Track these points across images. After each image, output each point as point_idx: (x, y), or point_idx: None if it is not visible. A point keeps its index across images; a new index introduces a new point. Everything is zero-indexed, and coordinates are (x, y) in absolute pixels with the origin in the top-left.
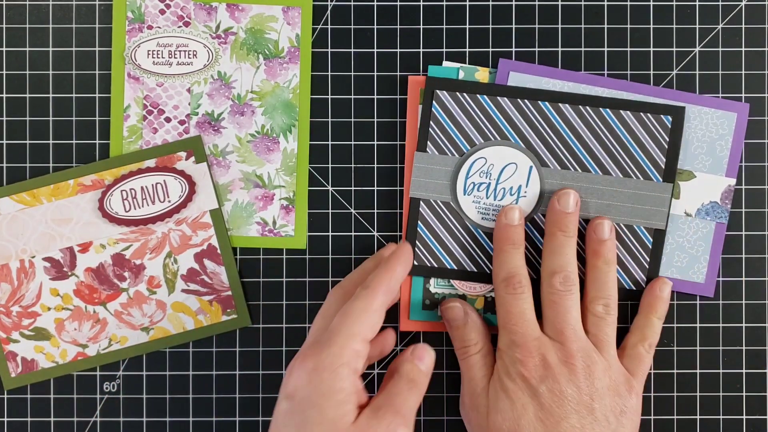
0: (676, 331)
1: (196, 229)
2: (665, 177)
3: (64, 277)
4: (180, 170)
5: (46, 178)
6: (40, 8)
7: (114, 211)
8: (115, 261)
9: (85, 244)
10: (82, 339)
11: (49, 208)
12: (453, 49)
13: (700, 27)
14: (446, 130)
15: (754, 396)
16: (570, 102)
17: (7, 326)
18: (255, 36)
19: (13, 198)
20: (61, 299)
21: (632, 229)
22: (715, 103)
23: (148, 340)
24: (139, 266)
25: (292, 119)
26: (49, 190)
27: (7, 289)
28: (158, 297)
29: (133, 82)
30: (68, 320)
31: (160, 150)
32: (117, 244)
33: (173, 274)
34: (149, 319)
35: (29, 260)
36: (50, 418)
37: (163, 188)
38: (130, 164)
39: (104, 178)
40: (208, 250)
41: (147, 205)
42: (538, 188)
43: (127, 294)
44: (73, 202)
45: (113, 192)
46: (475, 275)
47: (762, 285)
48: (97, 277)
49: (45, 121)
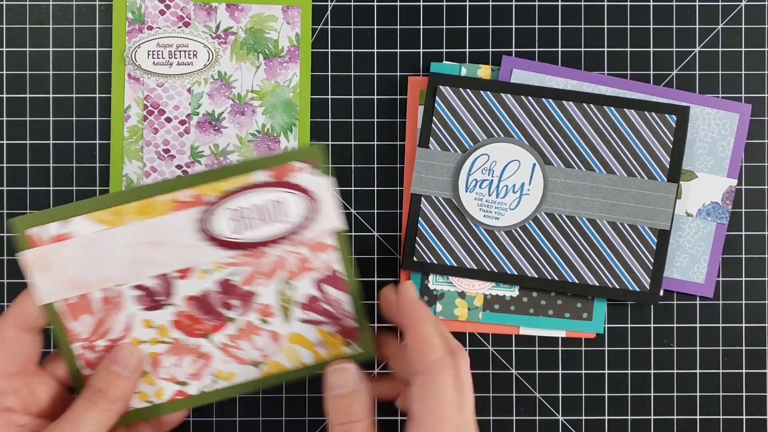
0: (676, 331)
1: (316, 251)
2: (670, 177)
3: (159, 307)
4: (299, 185)
5: (131, 192)
6: (41, 8)
7: (219, 233)
8: (222, 288)
9: (185, 270)
10: (181, 376)
11: (138, 229)
12: (453, 49)
13: (700, 27)
14: (449, 126)
15: (754, 396)
16: (574, 100)
17: (92, 361)
18: (255, 36)
19: (90, 217)
20: (157, 332)
21: (636, 229)
22: (717, 103)
23: (260, 376)
24: (249, 293)
25: (292, 118)
26: (136, 207)
27: (89, 323)
28: (272, 327)
29: (133, 82)
30: (165, 355)
31: (273, 160)
32: (224, 269)
33: (290, 301)
34: (261, 352)
35: (116, 289)
36: None
37: (280, 206)
38: (237, 176)
39: (204, 193)
40: (331, 275)
41: (260, 226)
42: (542, 186)
43: (236, 325)
44: (168, 222)
45: (216, 211)
46: (475, 272)
47: (762, 285)
48: (201, 306)
49: (45, 121)
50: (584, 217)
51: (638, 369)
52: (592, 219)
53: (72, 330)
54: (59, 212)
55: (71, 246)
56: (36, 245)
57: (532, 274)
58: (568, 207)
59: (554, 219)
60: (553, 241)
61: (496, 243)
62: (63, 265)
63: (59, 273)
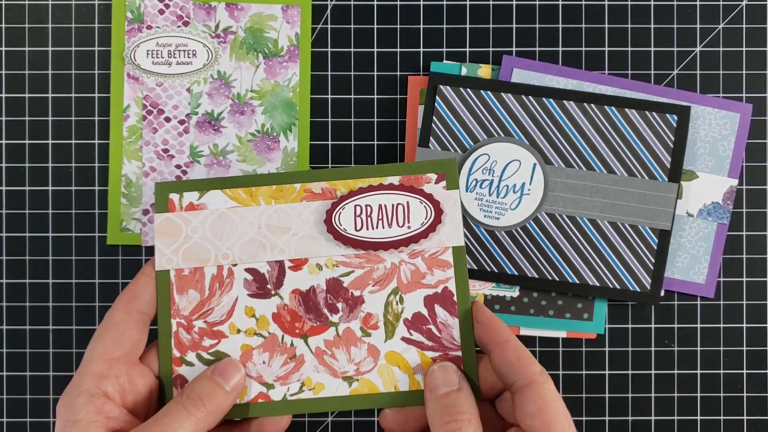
0: (677, 331)
1: (432, 266)
2: (670, 177)
3: (266, 295)
4: (428, 194)
5: (271, 176)
6: (40, 8)
7: (343, 227)
8: (330, 287)
9: (299, 260)
10: (269, 377)
11: (266, 212)
12: (453, 49)
13: (701, 27)
14: (449, 126)
15: (755, 396)
16: (575, 99)
17: (184, 343)
18: (254, 35)
19: (226, 192)
20: (256, 322)
21: (637, 229)
22: (718, 103)
23: (348, 393)
24: (357, 298)
25: (292, 118)
26: (270, 190)
27: (194, 299)
28: (372, 341)
29: (132, 82)
30: (258, 349)
31: (408, 167)
32: (337, 267)
33: (396, 316)
34: (356, 366)
35: (229, 268)
36: (50, 418)
37: (404, 211)
38: (370, 177)
39: (337, 187)
40: (443, 294)
41: (382, 227)
42: (542, 186)
43: (336, 330)
44: (296, 210)
45: (346, 205)
46: (475, 273)
47: (763, 285)
48: (305, 302)
49: (44, 121)
50: (585, 217)
51: (639, 369)
52: (593, 219)
53: (176, 303)
54: (200, 184)
55: (201, 216)
56: (173, 210)
57: (533, 275)
58: (569, 207)
59: (555, 219)
60: (554, 242)
61: (497, 243)
62: (188, 234)
63: (182, 241)
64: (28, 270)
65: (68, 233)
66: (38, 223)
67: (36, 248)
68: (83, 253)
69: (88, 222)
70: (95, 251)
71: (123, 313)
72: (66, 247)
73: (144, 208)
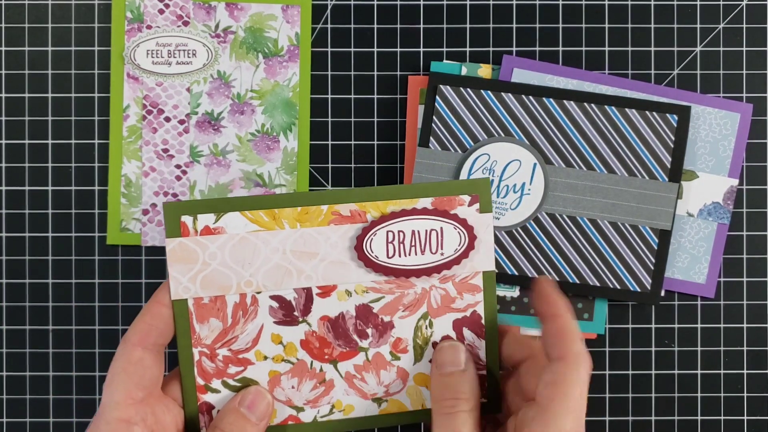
0: (677, 331)
1: (462, 290)
2: (671, 177)
3: (293, 322)
4: (462, 218)
5: (294, 196)
6: (39, 8)
7: (374, 254)
8: (360, 313)
9: (327, 287)
10: (298, 400)
11: (291, 236)
12: (453, 49)
13: (701, 26)
14: (449, 126)
15: (755, 397)
16: (575, 99)
17: (208, 372)
18: (254, 35)
19: (245, 215)
20: (283, 349)
21: (637, 229)
22: (718, 103)
23: (378, 413)
24: (386, 324)
25: (292, 118)
26: (295, 212)
27: (216, 327)
28: (401, 364)
29: (132, 81)
30: (286, 375)
31: (441, 188)
32: (366, 294)
33: (425, 340)
34: (385, 388)
35: (253, 295)
36: (49, 418)
37: (438, 237)
38: (402, 199)
39: (367, 210)
40: (472, 318)
41: (415, 254)
42: (543, 186)
43: (366, 355)
44: (323, 234)
45: (378, 231)
46: None
47: (763, 285)
48: (334, 329)
49: (44, 121)
50: (585, 217)
51: (639, 369)
52: (593, 219)
53: (196, 333)
54: (216, 204)
55: (219, 241)
56: (186, 235)
57: (533, 275)
58: (569, 207)
59: (555, 219)
60: (554, 241)
61: (497, 243)
62: (206, 260)
63: (200, 268)
64: (28, 270)
65: (68, 233)
66: (38, 223)
67: (36, 248)
68: (83, 253)
69: (88, 222)
70: (95, 251)
71: (141, 350)
72: (66, 247)
73: (144, 208)
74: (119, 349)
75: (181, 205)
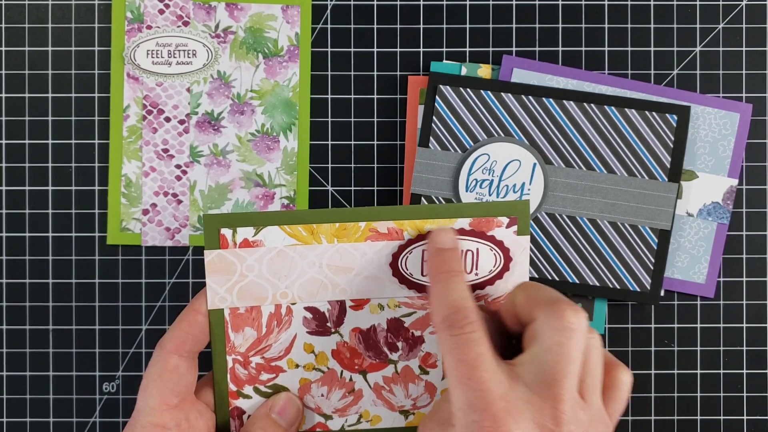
0: (677, 331)
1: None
2: (670, 176)
3: (325, 333)
4: (499, 240)
5: (333, 212)
6: (39, 8)
7: (409, 272)
8: (391, 327)
9: (361, 300)
10: (327, 408)
11: (328, 251)
12: (453, 49)
13: (701, 27)
14: (449, 126)
15: (755, 396)
16: (575, 99)
17: (241, 378)
18: (254, 35)
19: (284, 229)
20: (315, 358)
21: (637, 229)
22: (718, 103)
23: (404, 425)
24: (417, 338)
25: (292, 118)
26: (333, 228)
27: (251, 336)
28: (429, 379)
29: (132, 81)
30: (317, 383)
31: (479, 208)
32: (399, 308)
33: None
34: (412, 401)
35: (287, 306)
36: (50, 418)
37: (473, 258)
38: (440, 218)
39: (404, 228)
40: None
41: None
42: (542, 186)
43: (395, 368)
44: (360, 250)
45: (413, 249)
46: None
47: (763, 285)
48: (365, 340)
49: (44, 121)
50: (585, 217)
51: (639, 369)
52: (593, 219)
53: (231, 341)
54: (256, 218)
55: (258, 254)
56: (225, 247)
57: (533, 275)
58: (569, 207)
59: (555, 219)
60: (554, 241)
61: None
62: (244, 272)
63: (237, 279)
64: (28, 270)
65: (68, 233)
66: (38, 223)
67: (36, 248)
68: (83, 253)
69: (88, 222)
70: (95, 251)
71: (176, 357)
72: (66, 247)
73: (144, 208)
74: (155, 355)
75: (221, 217)
